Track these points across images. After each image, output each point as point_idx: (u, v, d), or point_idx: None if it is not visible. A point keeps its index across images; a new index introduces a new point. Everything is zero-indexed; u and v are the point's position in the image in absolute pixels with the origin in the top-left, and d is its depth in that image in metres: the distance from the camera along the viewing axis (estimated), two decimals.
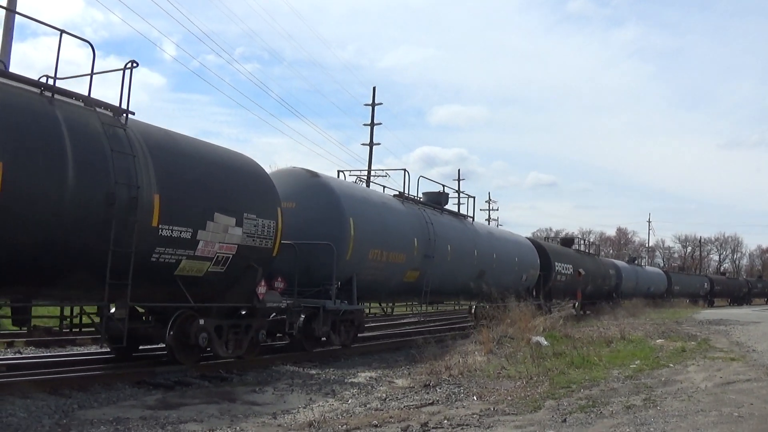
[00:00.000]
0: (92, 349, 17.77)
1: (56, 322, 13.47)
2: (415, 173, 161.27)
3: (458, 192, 33.29)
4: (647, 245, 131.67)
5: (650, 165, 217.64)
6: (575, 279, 39.83)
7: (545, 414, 10.37)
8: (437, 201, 26.09)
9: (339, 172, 23.44)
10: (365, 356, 18.85)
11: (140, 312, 15.03)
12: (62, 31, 12.22)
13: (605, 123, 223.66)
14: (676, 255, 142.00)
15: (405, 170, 24.07)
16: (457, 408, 11.05)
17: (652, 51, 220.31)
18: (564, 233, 46.15)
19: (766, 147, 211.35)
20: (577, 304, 39.44)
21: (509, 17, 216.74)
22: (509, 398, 11.74)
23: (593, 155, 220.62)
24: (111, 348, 15.39)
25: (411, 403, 11.59)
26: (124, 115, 12.89)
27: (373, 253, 19.62)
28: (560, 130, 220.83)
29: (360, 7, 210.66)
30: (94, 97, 12.59)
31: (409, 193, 23.98)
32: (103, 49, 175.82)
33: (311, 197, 18.69)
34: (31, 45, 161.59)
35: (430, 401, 11.74)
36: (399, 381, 14.44)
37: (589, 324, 29.36)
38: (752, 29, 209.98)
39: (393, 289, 21.93)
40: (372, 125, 53.54)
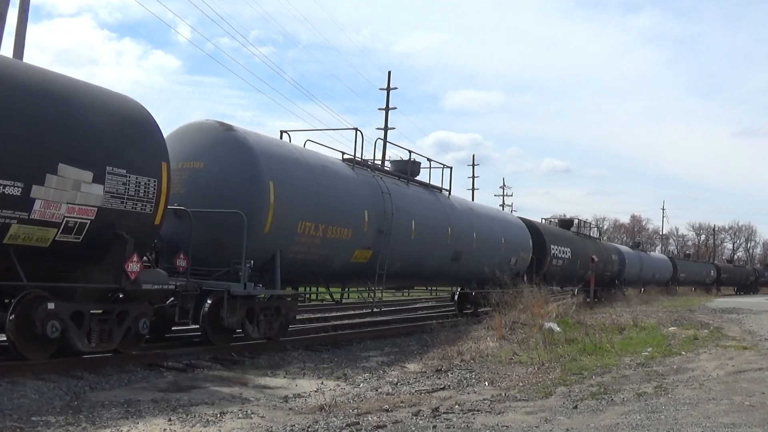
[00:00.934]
0: None
1: None
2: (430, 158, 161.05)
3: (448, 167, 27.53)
4: (661, 233, 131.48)
5: (665, 152, 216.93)
6: (575, 264, 37.18)
7: (556, 400, 10.36)
8: (404, 170, 22.69)
9: (282, 132, 19.45)
10: (377, 341, 18.85)
11: None
12: None
13: (620, 109, 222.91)
14: (690, 243, 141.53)
15: (357, 129, 19.94)
16: (469, 393, 11.06)
17: (668, 37, 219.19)
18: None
19: None
20: (591, 292, 39.41)
21: (525, 2, 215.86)
22: (521, 384, 11.74)
23: (608, 141, 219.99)
24: None
25: (422, 388, 11.59)
26: None
27: (305, 227, 16.27)
28: (575, 116, 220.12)
29: None
30: None
31: (363, 158, 20.29)
32: (118, 32, 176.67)
33: (223, 155, 15.26)
34: (46, 27, 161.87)
35: (442, 386, 11.74)
36: (411, 366, 14.44)
37: (602, 311, 29.30)
38: None
39: (336, 272, 18.40)
40: (387, 110, 53.52)
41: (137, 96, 13.01)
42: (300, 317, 20.55)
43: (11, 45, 22.42)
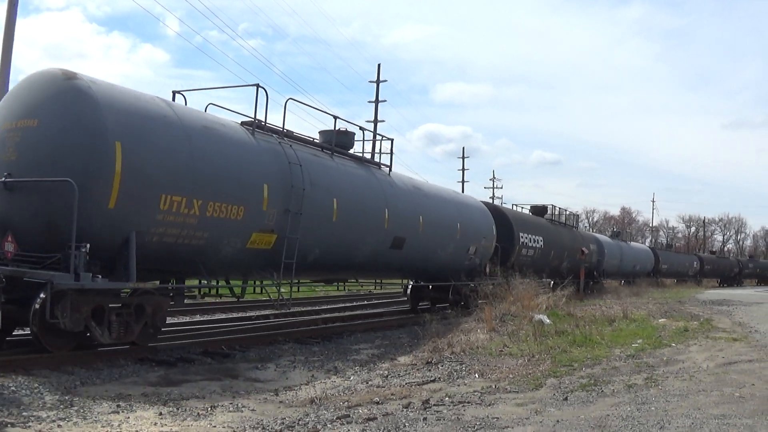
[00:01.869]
0: None
1: None
2: (419, 150, 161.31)
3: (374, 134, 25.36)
4: (651, 225, 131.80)
5: (655, 144, 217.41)
6: (548, 254, 34.64)
7: (547, 392, 10.39)
8: (329, 140, 18.85)
9: (175, 93, 15.78)
10: (368, 333, 18.85)
11: None
12: None
13: (610, 102, 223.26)
14: (680, 235, 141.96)
15: (258, 86, 15.73)
16: (459, 385, 11.08)
17: (658, 30, 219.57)
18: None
19: None
20: (581, 284, 39.27)
21: None
22: (511, 376, 11.77)
23: (598, 134, 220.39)
24: None
25: (413, 380, 11.62)
26: None
27: (171, 202, 12.67)
28: (565, 109, 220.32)
29: None
30: None
31: (267, 122, 16.26)
32: (107, 25, 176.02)
33: (61, 109, 11.89)
34: (34, 21, 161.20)
35: (432, 378, 11.76)
36: (401, 358, 14.46)
37: (592, 303, 29.35)
38: (759, 9, 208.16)
39: (227, 261, 14.65)
40: (376, 102, 53.50)
41: None
42: (290, 311, 20.51)
43: None
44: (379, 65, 53.44)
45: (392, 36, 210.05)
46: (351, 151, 20.45)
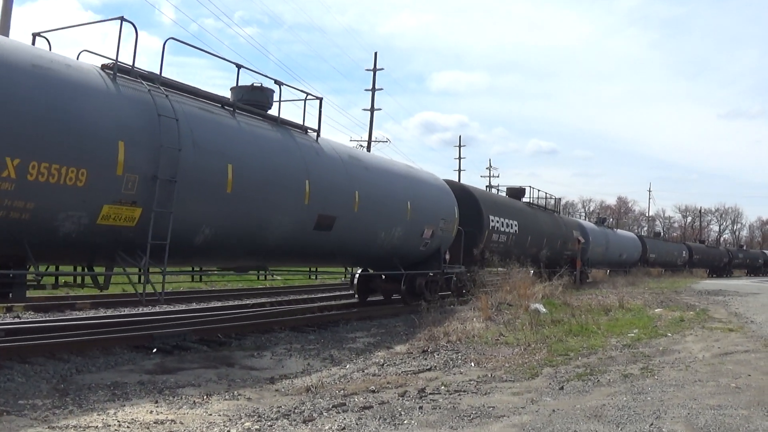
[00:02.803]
0: (91, 314, 17.82)
1: None
2: (415, 138, 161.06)
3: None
4: (647, 214, 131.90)
5: (651, 134, 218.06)
6: (524, 241, 31.65)
7: (542, 381, 10.39)
8: (240, 97, 15.70)
9: (35, 36, 13.01)
10: (364, 321, 18.83)
11: None
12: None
13: (607, 91, 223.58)
14: (677, 225, 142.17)
15: (122, 18, 12.66)
16: (455, 374, 11.08)
17: (655, 19, 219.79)
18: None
19: (767, 118, 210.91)
20: (577, 273, 39.16)
21: None
22: (507, 365, 11.77)
23: (594, 123, 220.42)
24: None
25: (409, 369, 11.61)
26: None
27: None
28: (561, 97, 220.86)
29: None
30: None
31: (135, 66, 12.91)
32: (102, 12, 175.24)
33: None
34: (30, 9, 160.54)
35: (428, 367, 11.76)
36: (397, 347, 14.44)
37: (588, 292, 29.38)
38: None
39: (70, 241, 11.38)
40: (373, 91, 53.54)
41: None
42: (286, 298, 20.50)
43: None
44: (376, 53, 53.13)
45: (388, 24, 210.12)
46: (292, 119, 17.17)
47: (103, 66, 12.40)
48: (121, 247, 12.26)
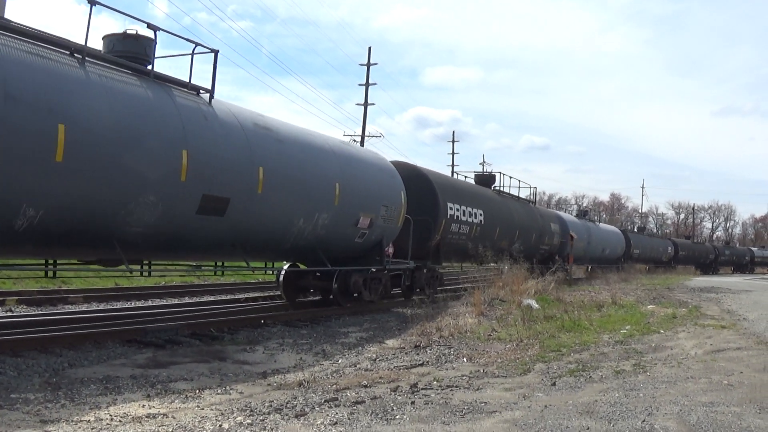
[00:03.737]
0: (83, 308, 17.81)
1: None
2: (408, 133, 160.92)
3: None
4: (640, 211, 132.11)
5: (644, 130, 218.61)
6: (491, 233, 28.25)
7: (535, 377, 10.40)
8: (111, 48, 13.26)
9: None
10: (356, 316, 18.83)
11: None
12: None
13: (600, 87, 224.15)
14: (669, 222, 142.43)
15: None
16: (447, 369, 11.08)
17: (649, 16, 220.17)
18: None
19: (761, 115, 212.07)
20: (570, 268, 39.08)
21: None
22: (499, 360, 11.78)
23: (587, 119, 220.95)
24: None
25: (401, 364, 11.62)
26: None
27: None
28: (554, 93, 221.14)
29: None
30: None
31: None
32: (95, 6, 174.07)
33: None
34: (22, 2, 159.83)
35: (420, 362, 11.77)
36: (389, 342, 14.45)
37: (581, 288, 29.42)
38: None
39: None
40: (367, 85, 53.49)
41: None
42: (279, 293, 20.32)
43: None
44: (370, 48, 53.36)
45: (381, 18, 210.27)
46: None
47: None
48: None
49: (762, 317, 19.18)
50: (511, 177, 34.59)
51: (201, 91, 14.36)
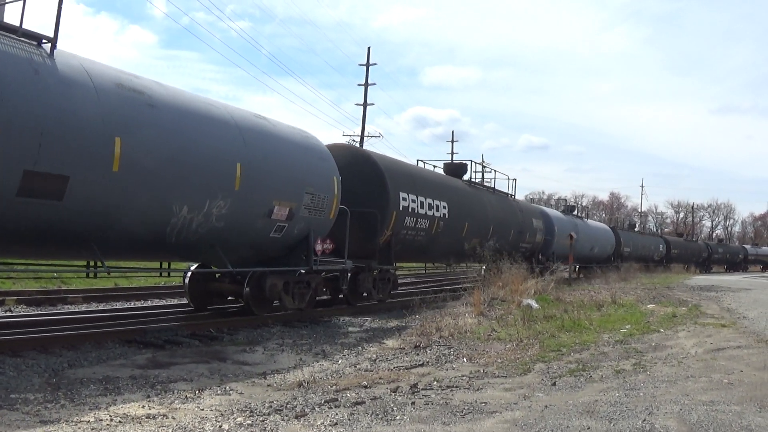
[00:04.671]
0: (83, 308, 17.79)
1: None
2: (407, 133, 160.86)
3: None
4: (640, 210, 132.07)
5: (643, 129, 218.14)
6: (457, 231, 24.71)
7: (535, 377, 10.39)
8: None
9: None
10: (356, 317, 18.81)
11: None
12: None
13: (598, 86, 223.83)
14: (669, 221, 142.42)
15: None
16: (447, 370, 11.08)
17: (647, 15, 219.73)
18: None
19: (759, 113, 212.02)
20: (570, 268, 38.93)
21: None
22: (499, 360, 11.77)
23: (586, 118, 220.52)
24: None
25: (401, 364, 11.61)
26: None
27: None
28: (553, 93, 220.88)
29: None
30: None
31: None
32: (94, 6, 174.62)
33: None
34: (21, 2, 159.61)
35: (420, 362, 11.76)
36: (389, 342, 14.44)
37: (581, 288, 29.41)
38: None
39: None
40: (366, 86, 53.56)
41: None
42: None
43: None
44: (369, 48, 53.36)
45: (380, 18, 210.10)
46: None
47: None
48: None
49: (762, 315, 19.15)
50: (485, 165, 32.06)
51: (43, 41, 11.13)
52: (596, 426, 7.41)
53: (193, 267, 16.88)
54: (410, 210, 21.38)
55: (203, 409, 8.17)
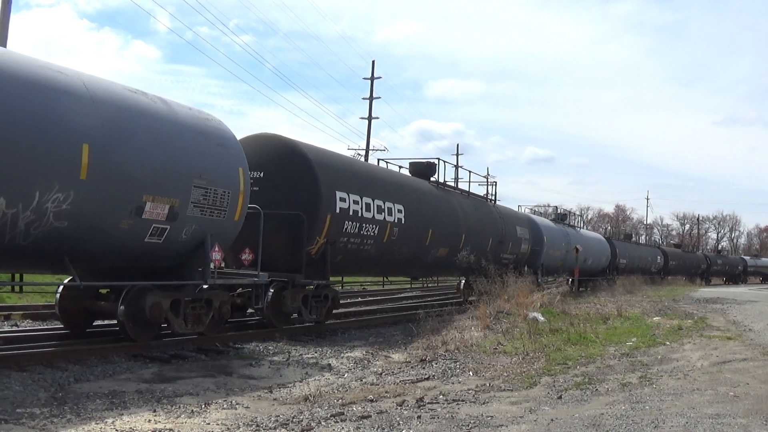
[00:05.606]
0: None
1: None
2: (412, 146, 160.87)
3: None
4: (645, 222, 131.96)
5: (648, 141, 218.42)
6: (419, 240, 21.33)
7: (541, 390, 10.39)
8: None
9: None
10: (362, 330, 18.81)
11: None
12: None
13: (602, 97, 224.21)
14: (674, 233, 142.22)
15: None
16: (453, 383, 11.07)
17: (650, 25, 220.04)
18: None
19: (763, 125, 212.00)
20: (572, 281, 38.82)
21: None
22: (505, 374, 11.77)
23: (590, 130, 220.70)
24: None
25: (407, 378, 11.60)
26: None
27: None
28: (557, 105, 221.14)
29: None
30: None
31: None
32: (97, 21, 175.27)
33: None
34: (24, 17, 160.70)
35: (426, 376, 11.75)
36: (395, 356, 14.43)
37: (587, 300, 29.38)
38: (752, 5, 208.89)
39: None
40: (371, 99, 53.65)
41: None
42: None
43: None
44: (374, 62, 52.98)
45: (383, 32, 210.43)
46: None
47: None
48: None
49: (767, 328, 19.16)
50: (459, 166, 28.44)
51: None
52: None
53: (67, 280, 13.69)
54: (352, 213, 17.98)
55: (209, 423, 8.17)
